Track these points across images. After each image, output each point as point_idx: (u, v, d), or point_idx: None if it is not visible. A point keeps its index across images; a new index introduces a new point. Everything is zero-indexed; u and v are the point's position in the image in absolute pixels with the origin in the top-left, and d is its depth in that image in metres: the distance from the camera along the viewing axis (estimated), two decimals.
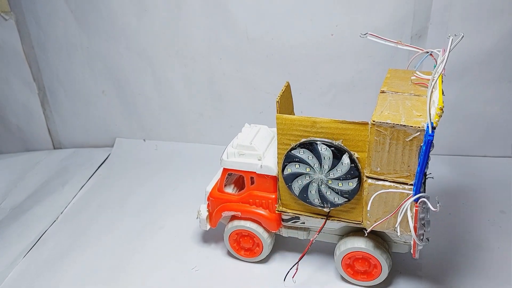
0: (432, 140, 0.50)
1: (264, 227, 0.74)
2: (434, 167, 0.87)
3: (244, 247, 0.77)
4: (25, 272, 0.81)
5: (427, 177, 0.63)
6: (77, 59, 1.16)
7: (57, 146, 1.29)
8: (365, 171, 0.59)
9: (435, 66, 0.66)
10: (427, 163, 0.54)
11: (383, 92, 0.62)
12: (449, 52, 0.55)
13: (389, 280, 0.70)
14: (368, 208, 0.59)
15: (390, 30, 0.93)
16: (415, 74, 0.65)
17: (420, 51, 0.65)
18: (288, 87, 0.69)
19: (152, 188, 1.04)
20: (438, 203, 0.53)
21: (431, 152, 0.59)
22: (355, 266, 0.69)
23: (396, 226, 0.58)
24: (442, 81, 0.56)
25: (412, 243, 0.59)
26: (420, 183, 0.54)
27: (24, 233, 0.92)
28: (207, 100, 1.14)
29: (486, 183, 0.93)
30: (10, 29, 1.14)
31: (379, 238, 0.68)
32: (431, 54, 0.64)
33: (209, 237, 0.85)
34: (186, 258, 0.80)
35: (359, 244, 0.67)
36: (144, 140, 1.23)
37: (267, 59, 1.04)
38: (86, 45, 1.13)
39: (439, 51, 0.62)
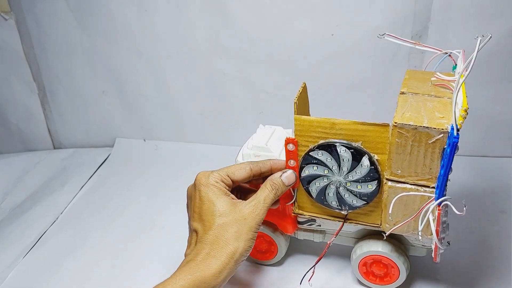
0: (457, 143, 0.49)
1: (279, 230, 0.73)
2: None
3: (259, 250, 0.76)
4: (25, 272, 0.81)
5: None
6: (77, 59, 1.16)
7: (57, 146, 1.29)
8: (385, 174, 0.58)
9: (454, 67, 0.65)
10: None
11: (403, 93, 0.61)
12: (477, 53, 0.53)
13: (407, 283, 0.69)
14: (390, 211, 0.58)
15: (390, 30, 0.93)
16: (435, 75, 0.63)
17: (439, 52, 0.64)
18: (304, 88, 0.68)
19: (152, 188, 1.04)
20: (465, 206, 0.51)
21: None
22: (372, 269, 0.68)
23: (419, 230, 0.56)
24: (464, 82, 0.55)
25: (433, 246, 0.58)
26: (444, 186, 0.53)
27: (24, 233, 0.92)
28: (207, 100, 1.13)
29: (486, 183, 0.93)
30: (10, 29, 1.14)
31: (396, 242, 0.67)
32: (450, 55, 0.64)
33: None
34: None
35: (377, 247, 0.66)
36: (144, 140, 1.23)
37: (267, 59, 1.04)
38: (86, 45, 1.13)
39: (458, 52, 0.61)
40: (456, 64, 0.64)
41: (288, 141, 0.62)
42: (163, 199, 0.99)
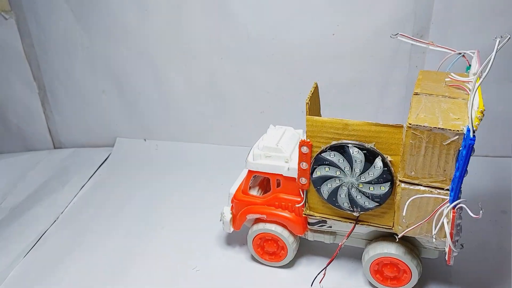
0: (473, 145, 0.49)
1: (289, 231, 0.73)
2: None
3: (268, 251, 0.76)
4: (25, 272, 0.81)
5: None
6: (78, 58, 1.15)
7: (57, 146, 1.29)
8: (398, 175, 0.57)
9: (468, 68, 0.64)
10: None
11: (416, 94, 0.60)
12: (496, 53, 0.53)
13: (418, 286, 0.69)
14: (404, 214, 0.58)
15: (391, 29, 0.93)
16: (449, 76, 0.63)
17: (452, 52, 0.63)
18: (316, 88, 0.68)
19: (152, 188, 1.03)
20: (482, 209, 0.51)
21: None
22: (384, 272, 0.68)
23: (434, 232, 0.56)
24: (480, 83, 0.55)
25: (447, 249, 0.57)
26: (459, 189, 0.52)
27: (24, 233, 0.92)
28: (207, 100, 1.13)
29: (486, 183, 0.93)
30: (11, 28, 1.14)
31: (408, 244, 0.66)
32: (463, 56, 0.63)
33: (211, 233, 0.85)
34: (187, 258, 0.80)
35: (389, 249, 0.65)
36: (144, 140, 1.23)
37: (267, 59, 1.04)
38: (86, 45, 1.13)
39: (472, 52, 0.61)
40: (469, 65, 0.64)
41: (302, 144, 0.62)
42: (163, 199, 0.99)
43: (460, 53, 0.63)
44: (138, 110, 1.19)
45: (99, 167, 1.16)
